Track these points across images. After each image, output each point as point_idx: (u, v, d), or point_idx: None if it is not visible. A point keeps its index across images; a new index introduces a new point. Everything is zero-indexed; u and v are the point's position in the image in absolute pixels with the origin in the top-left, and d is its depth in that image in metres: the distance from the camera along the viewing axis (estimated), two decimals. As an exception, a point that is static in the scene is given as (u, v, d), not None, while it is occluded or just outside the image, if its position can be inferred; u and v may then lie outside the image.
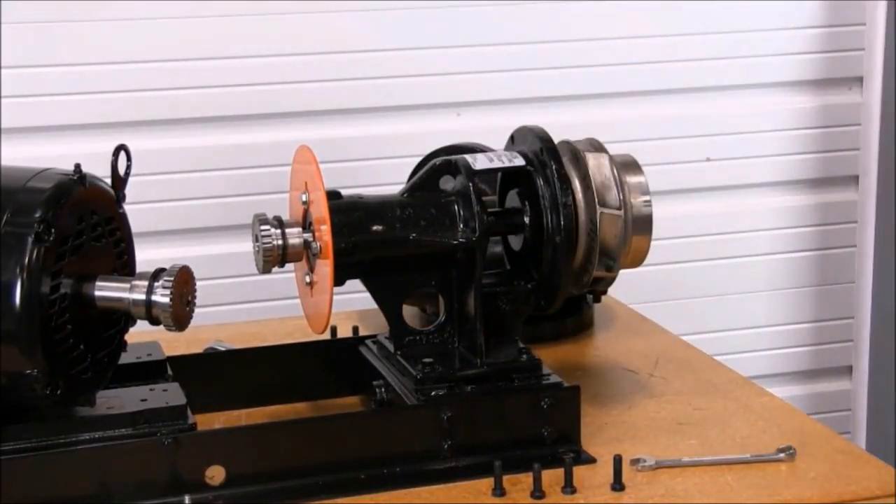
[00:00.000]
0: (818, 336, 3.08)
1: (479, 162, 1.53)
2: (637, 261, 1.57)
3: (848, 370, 3.16)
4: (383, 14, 2.50)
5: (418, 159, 1.82)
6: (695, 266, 2.94)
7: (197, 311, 1.46)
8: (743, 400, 1.64)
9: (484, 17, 2.59)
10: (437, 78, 2.54)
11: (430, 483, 1.42)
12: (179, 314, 1.41)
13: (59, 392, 1.36)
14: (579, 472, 1.42)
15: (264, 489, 1.39)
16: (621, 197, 1.51)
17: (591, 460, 1.46)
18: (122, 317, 1.46)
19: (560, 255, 1.49)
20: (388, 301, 1.55)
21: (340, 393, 1.68)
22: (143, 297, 1.40)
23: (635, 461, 1.44)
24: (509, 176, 1.58)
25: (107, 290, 1.41)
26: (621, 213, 1.51)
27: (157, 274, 1.41)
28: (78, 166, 1.42)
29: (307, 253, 1.49)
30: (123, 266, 1.47)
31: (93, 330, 1.43)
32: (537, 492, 1.38)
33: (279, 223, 1.49)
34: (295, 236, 1.49)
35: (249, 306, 2.47)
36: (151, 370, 1.56)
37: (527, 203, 1.54)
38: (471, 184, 1.51)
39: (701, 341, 1.95)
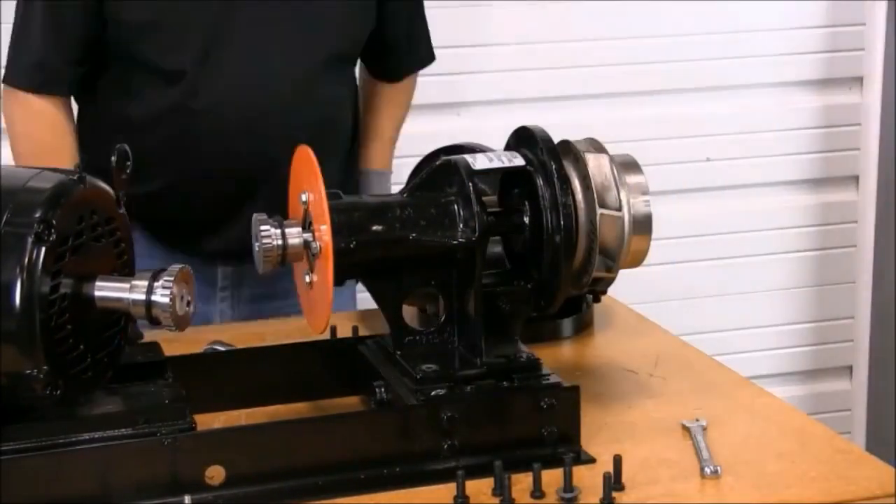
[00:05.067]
0: (818, 336, 3.09)
1: (479, 162, 1.53)
2: (637, 261, 1.57)
3: (848, 370, 3.16)
4: (383, 14, 2.49)
5: (418, 159, 1.82)
6: (695, 266, 2.94)
7: (197, 311, 1.46)
8: (743, 400, 1.64)
9: (484, 17, 2.60)
10: (437, 78, 2.54)
11: (430, 483, 1.42)
12: (179, 314, 1.41)
13: (59, 392, 1.36)
14: (579, 472, 1.42)
15: (264, 489, 1.39)
16: (621, 197, 1.51)
17: (591, 460, 1.46)
18: (122, 317, 1.46)
19: (560, 256, 1.49)
20: (388, 301, 1.55)
21: (340, 393, 1.68)
22: (142, 297, 1.40)
23: None
24: (509, 176, 1.58)
25: (106, 290, 1.41)
26: (621, 214, 1.50)
27: (156, 274, 1.41)
28: (78, 166, 1.42)
29: (307, 253, 1.49)
30: (123, 266, 1.47)
31: (93, 330, 1.42)
32: (537, 492, 1.38)
33: (279, 223, 1.49)
34: (295, 236, 1.48)
35: (249, 306, 2.46)
36: (151, 370, 1.56)
37: (527, 203, 1.54)
38: (471, 184, 1.51)
39: (701, 341, 1.95)
